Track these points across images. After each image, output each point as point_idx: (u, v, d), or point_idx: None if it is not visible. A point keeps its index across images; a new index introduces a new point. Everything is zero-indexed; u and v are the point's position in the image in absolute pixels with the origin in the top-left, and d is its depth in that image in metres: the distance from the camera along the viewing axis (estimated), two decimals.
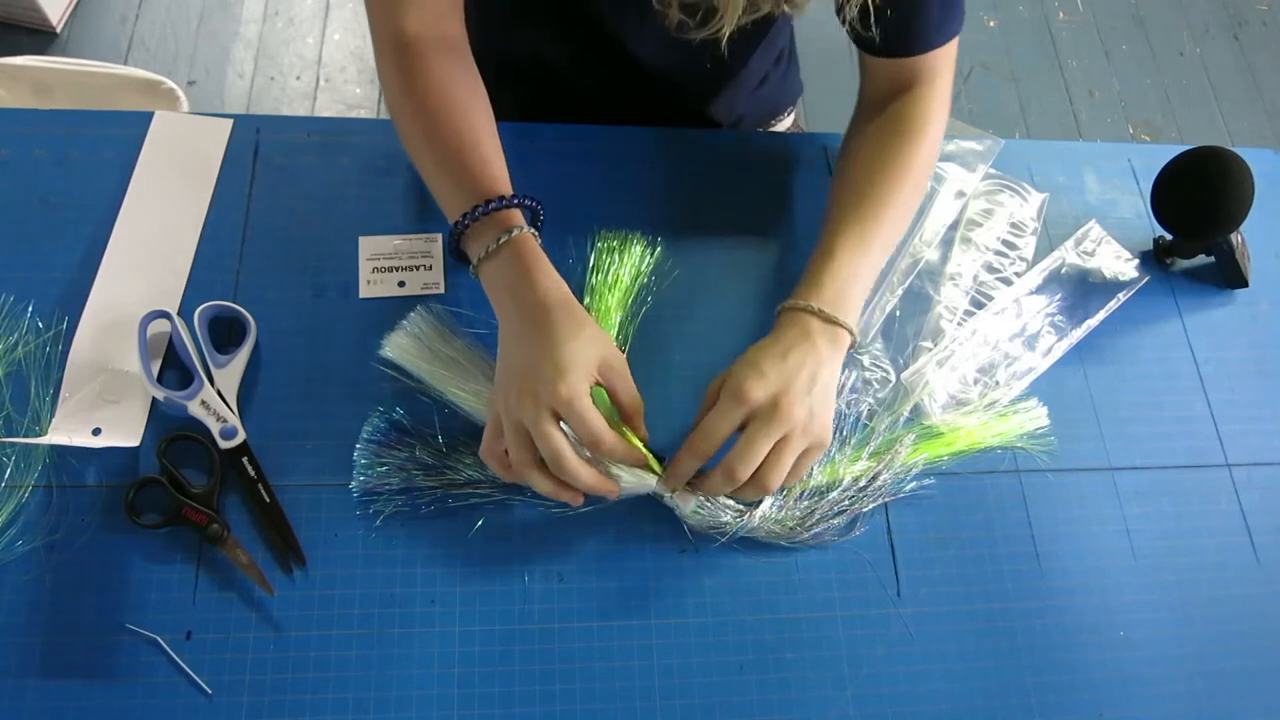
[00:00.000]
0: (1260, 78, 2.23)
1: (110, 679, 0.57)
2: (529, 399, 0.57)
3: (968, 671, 0.64)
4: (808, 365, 0.61)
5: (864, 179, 0.70)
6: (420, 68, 0.65)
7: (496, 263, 0.61)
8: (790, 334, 0.63)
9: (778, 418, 0.59)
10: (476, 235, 0.63)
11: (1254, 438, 0.76)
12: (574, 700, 0.60)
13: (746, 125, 0.96)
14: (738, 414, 0.59)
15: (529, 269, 0.61)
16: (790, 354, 0.61)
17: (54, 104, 1.22)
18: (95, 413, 0.64)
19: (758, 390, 0.59)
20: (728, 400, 0.59)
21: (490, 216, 0.62)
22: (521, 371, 0.58)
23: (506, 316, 0.61)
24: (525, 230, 0.62)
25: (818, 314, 0.63)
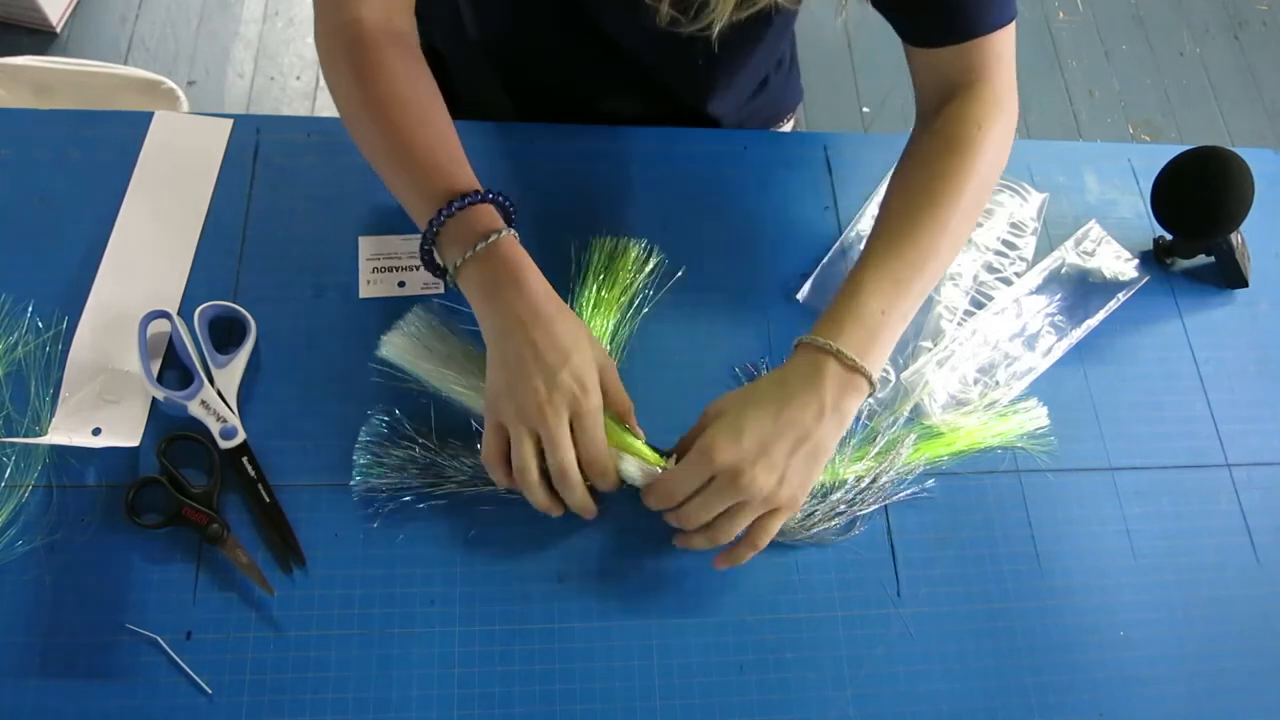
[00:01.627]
0: (1260, 78, 2.23)
1: (110, 679, 0.57)
2: (549, 409, 0.57)
3: (968, 671, 0.64)
4: (797, 426, 0.57)
5: (905, 207, 0.63)
6: (375, 61, 0.62)
7: (481, 268, 0.59)
8: (797, 378, 0.59)
9: (735, 487, 0.57)
10: (453, 238, 0.60)
11: (1254, 438, 0.76)
12: (574, 700, 0.60)
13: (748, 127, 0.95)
14: (703, 473, 0.58)
15: (519, 273, 0.59)
16: (784, 411, 0.57)
17: (54, 104, 1.22)
18: (95, 413, 0.64)
19: (725, 454, 0.57)
20: (695, 456, 0.58)
21: (464, 217, 0.60)
22: (532, 380, 0.57)
23: (500, 322, 0.59)
24: (508, 232, 0.60)
25: (837, 356, 0.58)
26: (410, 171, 0.62)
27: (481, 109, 0.91)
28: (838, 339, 0.58)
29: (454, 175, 0.61)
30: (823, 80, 2.05)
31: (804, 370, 0.59)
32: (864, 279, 0.61)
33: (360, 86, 0.62)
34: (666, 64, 0.79)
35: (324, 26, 0.64)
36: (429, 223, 0.60)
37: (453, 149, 0.63)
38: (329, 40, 0.64)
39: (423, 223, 0.61)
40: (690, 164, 0.81)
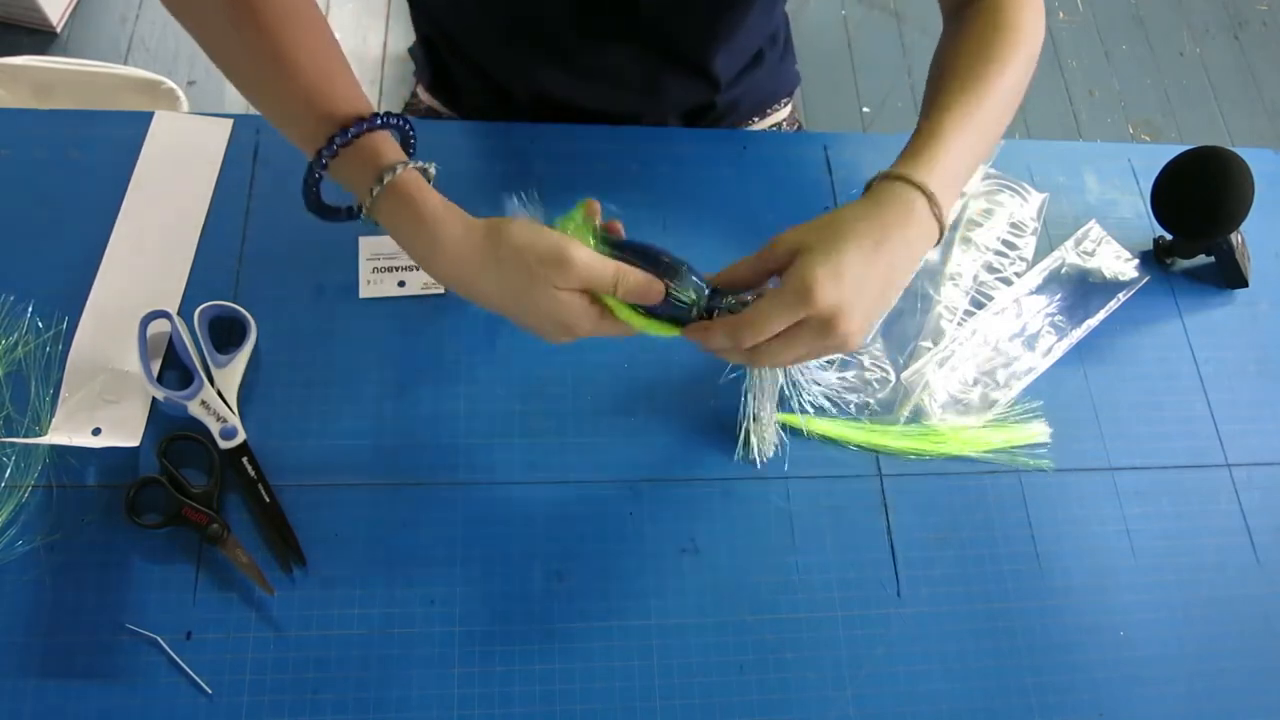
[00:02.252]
0: (1260, 78, 2.22)
1: (110, 679, 0.57)
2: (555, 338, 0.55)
3: (968, 671, 0.64)
4: (889, 269, 0.54)
5: (966, 67, 0.62)
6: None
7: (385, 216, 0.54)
8: (892, 214, 0.55)
9: (829, 331, 0.52)
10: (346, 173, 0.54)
11: (1254, 438, 0.76)
12: (574, 700, 0.60)
13: (743, 110, 0.95)
14: (798, 313, 0.52)
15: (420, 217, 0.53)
16: (881, 250, 0.53)
17: (54, 104, 1.22)
18: (95, 413, 0.64)
19: (827, 296, 0.51)
20: (791, 295, 0.52)
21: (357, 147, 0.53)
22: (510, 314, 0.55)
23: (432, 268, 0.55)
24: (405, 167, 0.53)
25: (929, 197, 0.55)
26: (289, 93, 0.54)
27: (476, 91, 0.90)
28: (929, 176, 0.56)
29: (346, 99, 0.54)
30: (823, 80, 2.05)
31: (898, 207, 0.55)
32: (945, 123, 0.58)
33: None
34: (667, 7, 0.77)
35: None
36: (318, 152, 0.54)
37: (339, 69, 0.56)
38: None
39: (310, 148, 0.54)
40: (690, 164, 0.81)
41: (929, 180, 0.55)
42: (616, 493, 0.66)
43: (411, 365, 0.69)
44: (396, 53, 1.92)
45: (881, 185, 0.56)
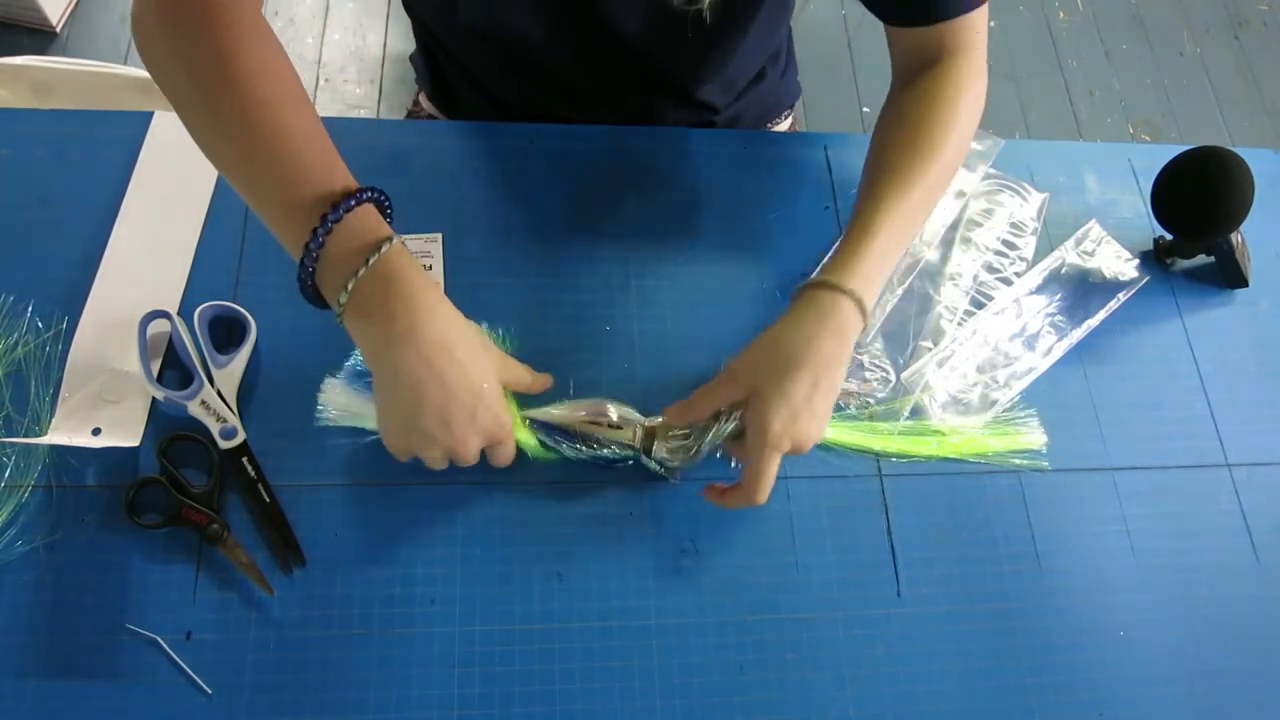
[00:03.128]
0: (1260, 78, 2.22)
1: (110, 679, 0.57)
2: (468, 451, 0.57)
3: (968, 671, 0.64)
4: (829, 379, 0.60)
5: (897, 159, 0.67)
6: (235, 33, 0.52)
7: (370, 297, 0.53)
8: (820, 325, 0.61)
9: (790, 453, 0.61)
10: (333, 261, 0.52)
11: (1254, 438, 0.76)
12: (574, 700, 0.60)
13: (744, 125, 0.95)
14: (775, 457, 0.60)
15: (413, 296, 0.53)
16: (822, 376, 0.60)
17: (54, 104, 1.22)
18: (95, 413, 0.64)
19: (789, 436, 0.60)
20: (757, 439, 0.60)
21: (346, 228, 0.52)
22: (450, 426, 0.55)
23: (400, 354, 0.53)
24: (395, 243, 0.53)
25: (852, 297, 0.61)
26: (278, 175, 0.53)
27: (476, 104, 0.91)
28: (850, 280, 0.61)
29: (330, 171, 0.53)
30: (823, 80, 2.05)
31: (823, 315, 0.61)
32: (867, 223, 0.64)
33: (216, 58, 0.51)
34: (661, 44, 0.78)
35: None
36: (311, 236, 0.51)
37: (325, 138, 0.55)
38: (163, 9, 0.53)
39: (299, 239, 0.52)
40: (690, 164, 0.81)
41: (856, 286, 0.61)
42: (616, 493, 0.66)
43: None
44: (396, 53, 1.92)
45: (808, 294, 0.62)
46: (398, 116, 1.15)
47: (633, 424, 0.66)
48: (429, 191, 0.76)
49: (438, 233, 0.74)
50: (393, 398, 0.56)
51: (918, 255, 0.79)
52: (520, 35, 0.78)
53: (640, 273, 0.75)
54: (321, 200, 0.52)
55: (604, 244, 0.76)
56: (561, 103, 0.83)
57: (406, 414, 0.56)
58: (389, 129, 0.82)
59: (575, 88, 0.84)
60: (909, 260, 0.79)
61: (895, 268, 0.70)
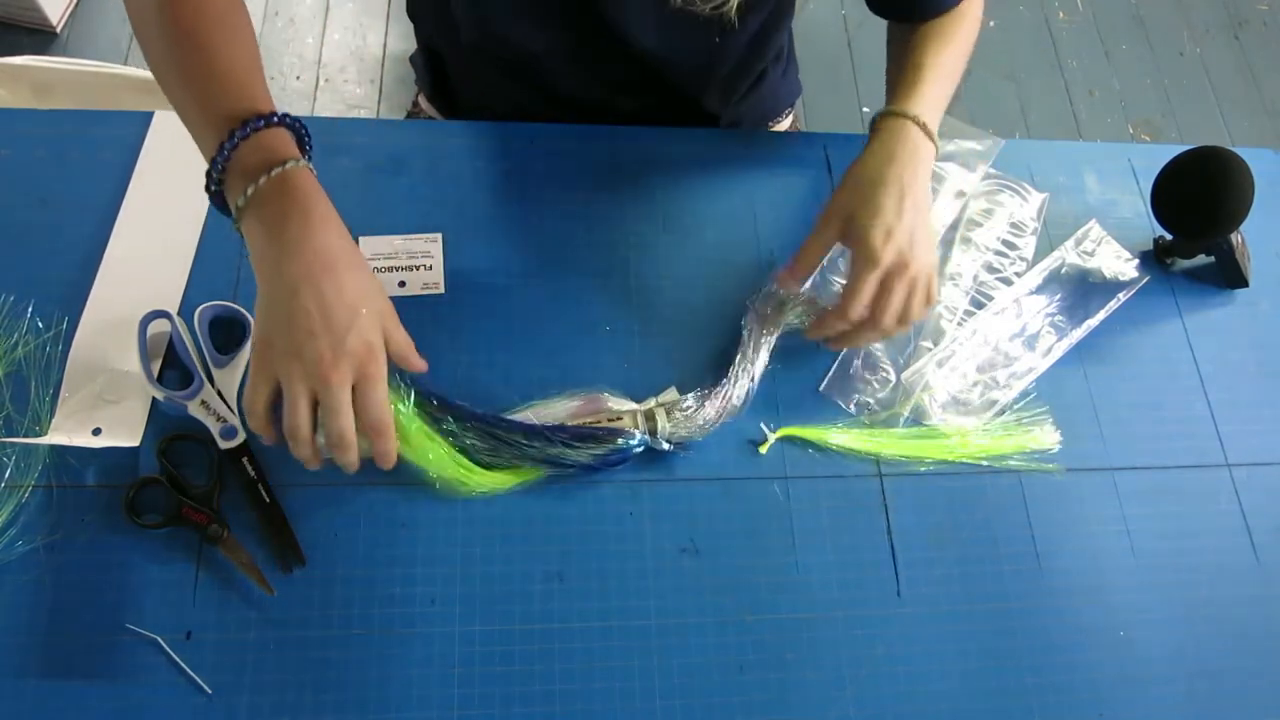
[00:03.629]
0: (1260, 78, 2.22)
1: (110, 679, 0.57)
2: (335, 374, 0.53)
3: (968, 671, 0.64)
4: (918, 199, 0.65)
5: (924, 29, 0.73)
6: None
7: (267, 203, 0.54)
8: (901, 151, 0.66)
9: (907, 273, 0.64)
10: (242, 168, 0.54)
11: (1254, 438, 0.76)
12: (574, 700, 0.60)
13: (744, 126, 0.95)
14: (876, 276, 0.64)
15: (309, 211, 0.54)
16: (906, 192, 0.65)
17: (54, 104, 1.22)
18: (95, 413, 0.64)
19: (889, 254, 0.63)
20: (863, 263, 0.64)
21: (256, 142, 0.54)
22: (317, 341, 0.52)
23: (286, 267, 0.53)
24: (301, 162, 0.55)
25: (918, 123, 0.67)
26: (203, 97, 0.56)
27: (475, 107, 0.91)
28: (914, 107, 0.68)
29: (249, 99, 0.56)
30: (823, 80, 2.05)
31: (903, 147, 0.67)
32: (920, 65, 0.70)
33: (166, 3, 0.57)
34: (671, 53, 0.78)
35: None
36: (218, 149, 0.55)
37: (249, 71, 0.58)
38: None
39: (210, 151, 0.56)
40: (690, 164, 0.81)
41: (921, 113, 0.68)
42: (616, 493, 0.67)
43: None
44: (396, 52, 1.92)
45: (885, 123, 0.68)
46: (398, 116, 1.15)
47: (631, 412, 0.66)
48: (429, 191, 0.76)
49: (438, 233, 0.74)
50: (268, 306, 0.54)
51: None
52: (521, 50, 0.78)
53: (640, 272, 0.75)
54: (235, 117, 0.55)
55: (604, 244, 0.76)
56: (563, 112, 0.83)
57: (276, 322, 0.54)
58: (389, 129, 0.82)
59: (577, 99, 0.84)
60: None
61: None
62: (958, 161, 0.84)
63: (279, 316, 0.53)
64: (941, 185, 0.82)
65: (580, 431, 0.65)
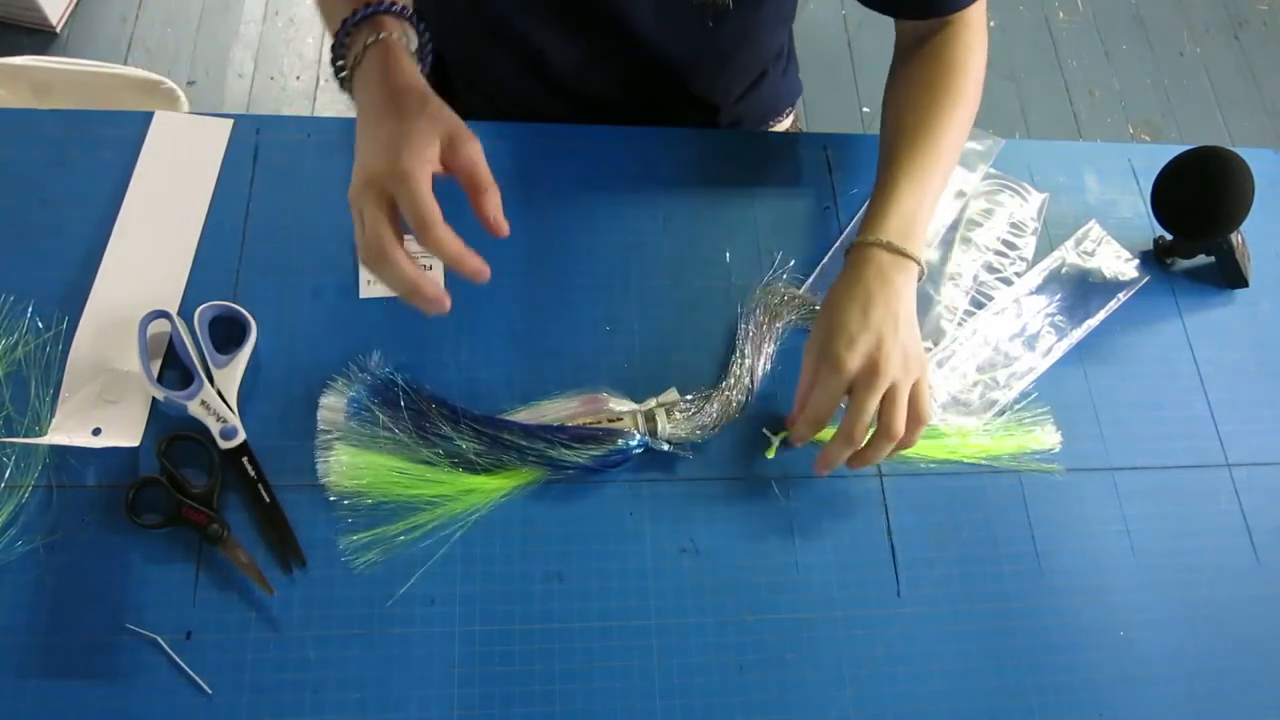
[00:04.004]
0: (1260, 78, 2.22)
1: (110, 679, 0.57)
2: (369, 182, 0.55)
3: (968, 671, 0.64)
4: (889, 310, 0.63)
5: (912, 116, 0.71)
6: None
7: (360, 69, 0.59)
8: (866, 274, 0.64)
9: (877, 380, 0.61)
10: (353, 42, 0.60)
11: (1254, 438, 0.76)
12: (574, 700, 0.60)
13: (746, 124, 0.95)
14: (840, 385, 0.62)
15: (385, 63, 0.58)
16: (871, 305, 0.63)
17: (54, 104, 1.22)
18: (95, 413, 0.64)
19: (853, 361, 0.61)
20: (826, 374, 0.62)
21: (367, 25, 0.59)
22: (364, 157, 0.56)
23: (361, 110, 0.59)
24: (395, 36, 0.59)
25: (886, 247, 0.65)
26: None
27: (475, 106, 0.91)
28: (883, 233, 0.65)
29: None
30: (823, 80, 2.05)
31: (867, 270, 0.64)
32: (894, 178, 0.68)
33: None
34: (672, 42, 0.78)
35: None
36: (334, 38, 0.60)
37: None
38: None
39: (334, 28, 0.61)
40: (690, 164, 0.81)
41: (886, 235, 0.65)
42: (616, 493, 0.67)
43: (411, 365, 0.69)
44: None
45: (849, 256, 0.66)
46: None
47: (631, 412, 0.66)
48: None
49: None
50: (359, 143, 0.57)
51: None
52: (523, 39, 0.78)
53: (640, 272, 0.75)
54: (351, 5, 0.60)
55: (604, 244, 0.76)
56: (565, 108, 0.83)
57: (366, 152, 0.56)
58: None
59: (580, 93, 0.83)
60: None
61: None
62: (958, 161, 0.83)
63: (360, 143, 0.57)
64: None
65: (580, 432, 0.65)
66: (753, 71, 0.89)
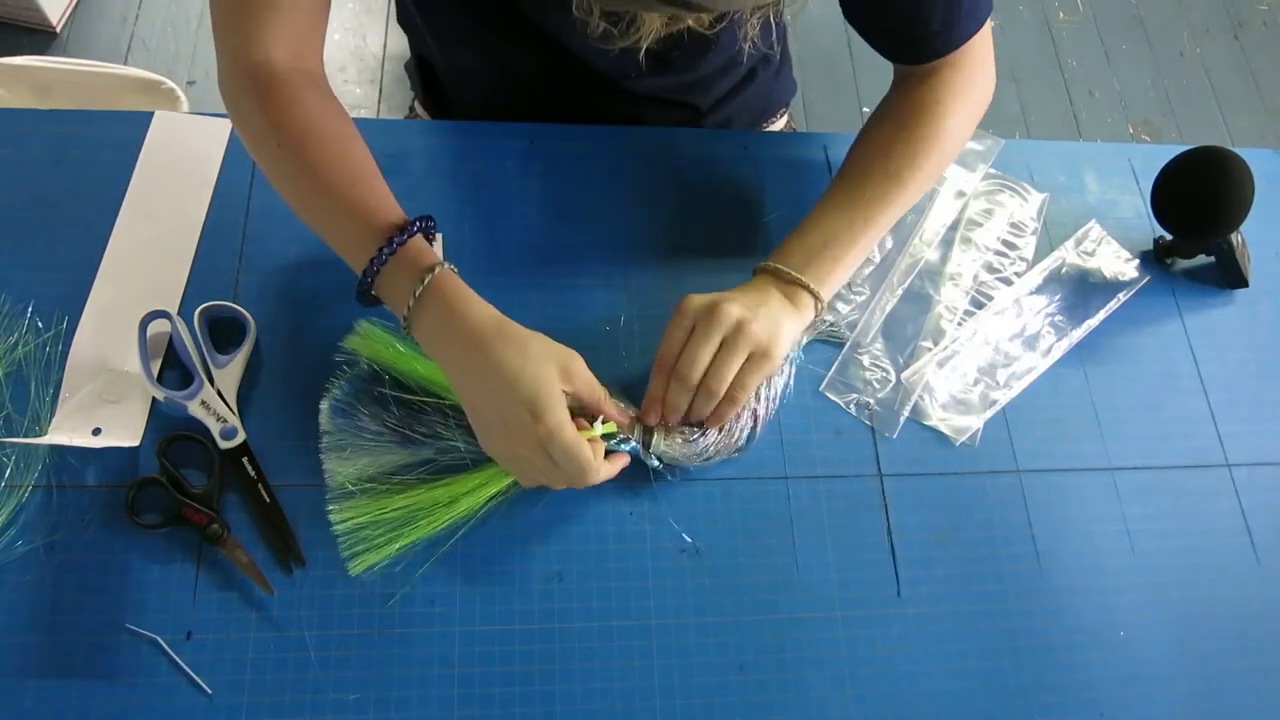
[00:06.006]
0: (1260, 78, 2.22)
1: (110, 679, 0.57)
2: (515, 446, 0.57)
3: (968, 671, 0.64)
4: (755, 295, 0.64)
5: (868, 162, 0.70)
6: (288, 100, 0.61)
7: (425, 314, 0.59)
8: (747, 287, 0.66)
9: (716, 319, 0.62)
10: (392, 285, 0.60)
11: (1254, 438, 0.76)
12: (574, 700, 0.60)
13: (737, 125, 0.95)
14: (714, 333, 0.62)
15: (454, 307, 0.58)
16: (768, 296, 0.65)
17: (54, 104, 1.22)
18: (95, 413, 0.64)
19: (695, 300, 0.63)
20: (674, 318, 0.64)
21: (400, 256, 0.59)
22: (492, 418, 0.58)
23: (450, 362, 0.59)
24: (442, 268, 0.59)
25: (774, 273, 0.66)
26: (340, 214, 0.61)
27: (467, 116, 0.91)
28: (782, 262, 0.67)
29: (384, 212, 0.61)
30: (823, 80, 2.05)
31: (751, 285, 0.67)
32: (818, 218, 0.68)
33: (273, 127, 0.61)
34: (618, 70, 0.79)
35: (229, 70, 0.63)
36: (365, 270, 0.60)
37: (374, 181, 0.62)
38: (237, 82, 0.62)
39: (358, 264, 0.61)
40: (690, 164, 0.81)
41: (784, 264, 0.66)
42: (616, 493, 0.67)
43: None
44: (396, 53, 1.92)
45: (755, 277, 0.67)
46: (397, 116, 1.15)
47: (631, 418, 0.66)
48: (429, 192, 0.76)
49: (438, 233, 0.74)
50: (468, 412, 0.60)
51: (917, 255, 0.79)
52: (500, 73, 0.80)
53: (640, 272, 0.75)
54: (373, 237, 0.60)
55: (603, 244, 0.76)
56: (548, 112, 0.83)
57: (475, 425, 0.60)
58: (389, 129, 0.82)
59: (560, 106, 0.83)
60: (909, 260, 0.79)
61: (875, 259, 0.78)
62: (957, 161, 0.84)
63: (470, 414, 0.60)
64: (941, 185, 0.83)
65: None
66: (733, 75, 0.88)
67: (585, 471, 0.58)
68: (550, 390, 0.56)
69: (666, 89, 0.84)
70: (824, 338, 0.74)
